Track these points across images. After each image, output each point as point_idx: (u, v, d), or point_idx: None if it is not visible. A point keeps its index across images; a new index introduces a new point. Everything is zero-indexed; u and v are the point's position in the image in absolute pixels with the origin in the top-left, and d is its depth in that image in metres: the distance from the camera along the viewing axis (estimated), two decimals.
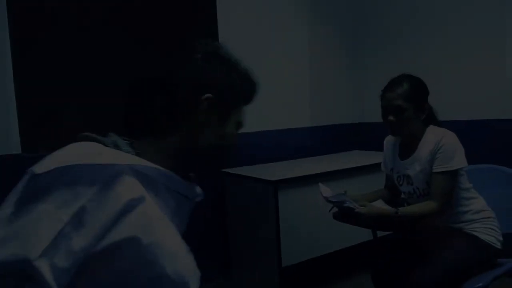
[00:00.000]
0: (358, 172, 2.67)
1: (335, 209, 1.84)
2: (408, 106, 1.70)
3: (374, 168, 2.42)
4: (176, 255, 0.77)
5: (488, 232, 1.73)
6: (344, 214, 1.78)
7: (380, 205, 1.82)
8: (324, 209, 1.88)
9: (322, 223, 2.32)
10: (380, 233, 2.14)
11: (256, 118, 2.97)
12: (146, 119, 0.87)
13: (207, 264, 0.90)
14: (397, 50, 3.19)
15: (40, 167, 0.70)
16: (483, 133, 2.67)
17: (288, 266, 2.37)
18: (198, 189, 0.93)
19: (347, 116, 3.53)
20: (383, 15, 3.30)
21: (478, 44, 2.71)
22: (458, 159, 1.66)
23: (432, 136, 1.72)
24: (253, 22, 3.00)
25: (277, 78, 3.10)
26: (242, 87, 0.93)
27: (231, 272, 2.81)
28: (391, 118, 1.73)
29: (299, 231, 2.42)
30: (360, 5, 3.48)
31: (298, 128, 3.22)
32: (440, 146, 1.67)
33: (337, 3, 3.46)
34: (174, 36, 2.65)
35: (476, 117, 2.72)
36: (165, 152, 0.86)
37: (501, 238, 1.76)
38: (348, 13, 3.51)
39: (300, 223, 2.43)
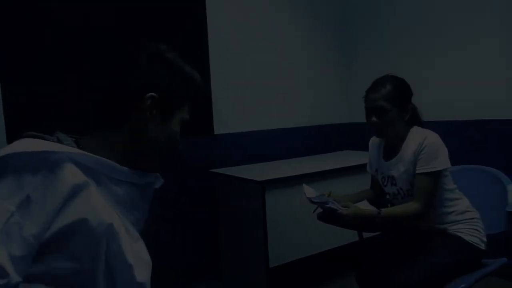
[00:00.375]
0: (347, 172, 2.66)
1: (320, 210, 1.84)
2: (391, 107, 1.69)
3: (363, 168, 2.40)
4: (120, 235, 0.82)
5: (472, 233, 1.73)
6: (328, 215, 1.78)
7: (364, 206, 1.82)
8: (311, 210, 1.87)
9: (310, 224, 2.31)
10: (366, 234, 2.14)
11: (247, 118, 3.02)
12: (90, 115, 0.94)
13: (197, 264, 0.93)
14: (387, 51, 3.19)
15: None
16: (469, 134, 2.67)
17: (276, 266, 2.36)
18: (153, 176, 0.98)
19: (338, 116, 3.53)
20: (374, 17, 3.30)
21: (465, 44, 2.72)
22: (441, 160, 1.65)
23: (415, 137, 1.71)
24: (244, 23, 3.00)
25: (267, 79, 3.10)
26: (186, 89, 0.98)
27: (220, 272, 2.80)
28: (374, 119, 1.72)
29: (287, 231, 2.42)
30: (351, 7, 3.47)
31: (289, 128, 3.22)
32: (423, 147, 1.66)
33: (329, 5, 3.46)
34: (161, 38, 2.64)
35: (462, 117, 2.72)
36: (110, 146, 0.91)
37: (485, 239, 1.75)
38: (339, 15, 3.51)
39: (288, 224, 2.42)
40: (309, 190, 1.80)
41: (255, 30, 3.05)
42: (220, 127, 2.88)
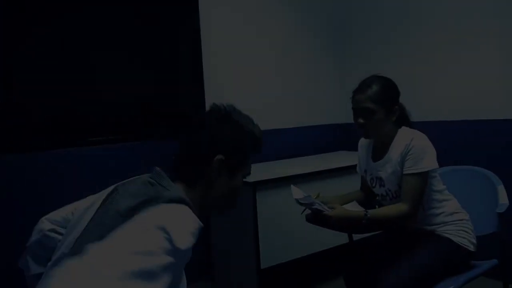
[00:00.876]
0: (339, 173, 2.65)
1: (308, 211, 1.83)
2: (377, 108, 1.67)
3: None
4: None
5: (461, 234, 1.71)
6: (315, 216, 1.77)
7: (353, 208, 1.81)
8: (300, 211, 1.86)
9: (302, 225, 2.29)
10: (357, 236, 2.12)
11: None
12: (184, 169, 1.08)
13: (189, 265, 0.94)
14: (382, 51, 3.17)
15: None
16: (460, 134, 2.65)
17: (267, 267, 2.35)
18: None
19: (333, 116, 3.51)
20: (369, 17, 3.28)
21: (454, 44, 2.70)
22: (428, 161, 1.64)
23: (403, 137, 1.70)
24: (237, 24, 2.99)
25: (262, 80, 3.09)
26: (248, 144, 1.12)
27: (212, 273, 2.80)
28: (361, 120, 1.70)
29: (278, 232, 2.41)
30: (347, 7, 3.46)
31: (284, 129, 3.21)
32: (410, 148, 1.65)
33: (324, 6, 3.45)
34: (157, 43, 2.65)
35: (453, 118, 2.70)
36: (195, 201, 1.03)
37: (474, 241, 1.74)
38: (334, 15, 3.49)
39: (280, 225, 2.41)
40: (296, 191, 1.79)
41: (249, 30, 3.05)
42: None
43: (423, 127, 1.79)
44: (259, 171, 2.62)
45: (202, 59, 2.82)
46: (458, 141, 2.61)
